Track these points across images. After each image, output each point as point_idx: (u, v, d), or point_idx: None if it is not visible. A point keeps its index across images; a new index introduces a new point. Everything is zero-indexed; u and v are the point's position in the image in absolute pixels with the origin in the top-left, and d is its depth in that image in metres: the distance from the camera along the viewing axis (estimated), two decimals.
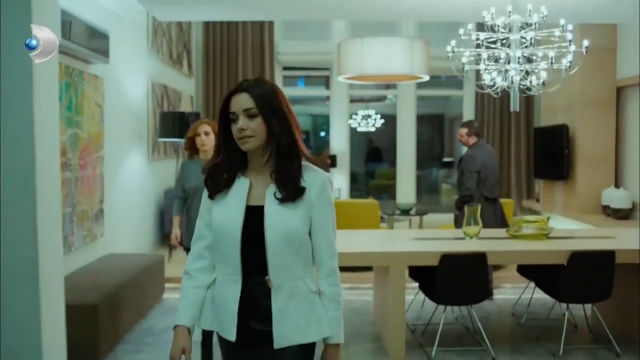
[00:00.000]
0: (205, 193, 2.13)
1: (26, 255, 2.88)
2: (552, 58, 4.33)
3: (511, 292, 6.11)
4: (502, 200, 6.38)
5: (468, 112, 11.00)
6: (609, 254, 4.30)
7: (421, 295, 5.27)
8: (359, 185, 13.48)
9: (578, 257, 4.31)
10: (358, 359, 4.45)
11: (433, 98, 12.86)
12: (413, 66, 7.52)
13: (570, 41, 4.43)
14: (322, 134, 14.20)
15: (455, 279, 4.33)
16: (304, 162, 2.08)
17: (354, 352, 4.58)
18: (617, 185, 8.32)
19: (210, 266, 2.15)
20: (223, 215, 2.06)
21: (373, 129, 13.04)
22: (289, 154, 2.03)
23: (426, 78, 7.66)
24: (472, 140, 6.03)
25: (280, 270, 2.03)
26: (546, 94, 9.34)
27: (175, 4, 5.87)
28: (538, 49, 4.66)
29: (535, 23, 4.55)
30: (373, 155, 14.13)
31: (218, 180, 2.08)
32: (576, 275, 4.34)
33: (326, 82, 12.04)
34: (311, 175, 2.06)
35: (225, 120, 2.05)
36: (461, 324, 5.18)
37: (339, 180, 11.21)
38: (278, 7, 6.43)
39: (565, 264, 4.35)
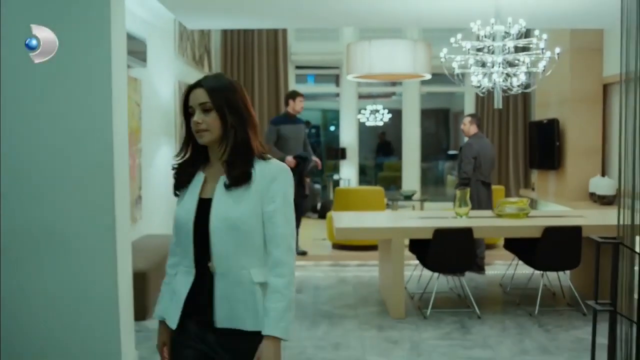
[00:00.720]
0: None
1: (105, 224, 3.71)
2: (528, 63, 5.13)
3: (501, 268, 6.87)
4: (494, 187, 7.17)
5: (469, 108, 11.75)
6: (577, 229, 5.09)
7: (418, 271, 6.10)
8: (368, 177, 14.26)
9: (550, 232, 5.11)
10: (365, 319, 5.24)
11: (439, 93, 13.58)
12: (416, 66, 8.28)
13: (542, 49, 5.20)
14: (332, 128, 15.00)
15: (446, 250, 5.13)
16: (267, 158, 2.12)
17: (362, 314, 5.39)
18: (603, 174, 9.07)
19: (179, 261, 2.22)
20: (180, 209, 2.16)
21: (381, 124, 13.84)
22: (244, 150, 2.08)
23: (428, 76, 8.42)
24: (473, 130, 6.84)
25: (223, 258, 2.06)
26: (539, 91, 10.12)
27: (202, 14, 6.68)
28: (519, 55, 5.45)
29: (516, 33, 5.32)
30: (383, 149, 14.92)
31: (182, 176, 2.18)
32: (549, 247, 5.14)
33: (336, 79, 12.83)
34: (264, 167, 2.09)
35: (188, 115, 2.12)
36: (454, 293, 5.98)
37: (348, 172, 12.02)
38: (292, 17, 7.21)
39: (540, 238, 5.15)
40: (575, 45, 9.14)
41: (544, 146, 9.86)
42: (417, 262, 5.88)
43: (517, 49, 5.58)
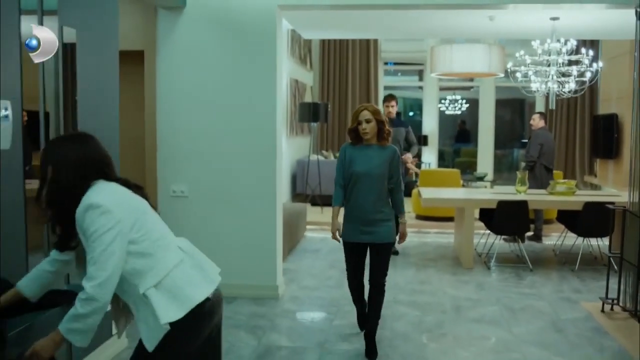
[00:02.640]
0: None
1: (270, 191, 5.52)
2: (575, 75, 6.63)
3: (555, 238, 8.34)
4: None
5: (540, 101, 13.07)
6: (609, 204, 6.54)
7: (485, 239, 7.68)
8: (446, 162, 15.75)
9: (589, 205, 6.62)
10: (442, 268, 6.88)
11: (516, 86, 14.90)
12: (491, 65, 9.79)
13: (586, 64, 6.68)
14: (411, 114, 16.58)
15: (507, 217, 6.71)
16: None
17: (440, 264, 7.04)
18: None
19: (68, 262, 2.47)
20: None
21: (459, 112, 15.31)
22: (62, 220, 2.30)
23: (501, 75, 9.91)
24: (541, 124, 8.32)
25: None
26: (603, 88, 11.44)
27: (317, 29, 8.39)
28: (570, 67, 6.93)
29: (568, 50, 6.80)
30: (462, 136, 16.34)
31: None
32: (588, 217, 6.64)
33: (419, 74, 14.40)
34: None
35: None
36: (514, 254, 7.54)
37: (429, 156, 13.61)
38: (382, 30, 8.79)
39: (581, 210, 6.66)
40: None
41: (605, 138, 11.15)
42: (484, 231, 7.47)
43: (570, 62, 7.06)
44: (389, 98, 7.61)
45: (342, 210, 4.39)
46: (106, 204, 2.20)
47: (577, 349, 4.49)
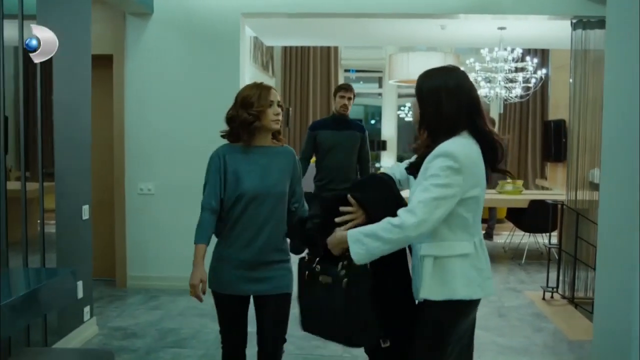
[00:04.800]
0: None
1: None
2: (520, 82, 7.09)
3: (505, 237, 8.80)
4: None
5: (495, 108, 13.60)
6: (553, 202, 7.01)
7: None
8: None
9: (534, 203, 7.06)
10: None
11: None
12: None
13: (531, 71, 7.15)
14: (373, 122, 16.99)
15: None
16: None
17: None
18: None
19: None
20: None
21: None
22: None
23: None
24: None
25: None
26: (553, 94, 12.00)
27: (279, 37, 8.77)
28: (517, 74, 7.40)
29: (515, 57, 7.26)
30: None
31: None
32: (532, 215, 7.08)
33: (379, 81, 14.83)
34: None
35: None
36: None
37: (388, 161, 14.03)
38: (341, 38, 9.24)
39: (526, 208, 7.10)
40: None
41: (555, 142, 11.70)
42: None
43: (516, 69, 7.53)
44: (346, 87, 5.61)
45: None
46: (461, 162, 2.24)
47: (518, 330, 4.89)
